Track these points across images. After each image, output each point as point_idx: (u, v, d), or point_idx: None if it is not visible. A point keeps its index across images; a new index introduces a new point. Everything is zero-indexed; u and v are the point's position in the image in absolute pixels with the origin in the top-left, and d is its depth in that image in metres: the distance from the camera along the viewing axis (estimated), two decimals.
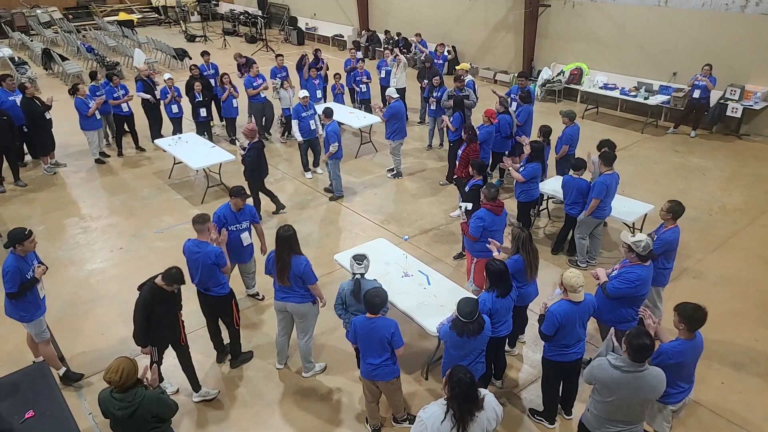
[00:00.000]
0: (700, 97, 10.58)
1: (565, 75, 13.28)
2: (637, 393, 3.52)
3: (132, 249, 7.52)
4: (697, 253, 7.16)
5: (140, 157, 10.57)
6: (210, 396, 5.06)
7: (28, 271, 4.77)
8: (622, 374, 3.47)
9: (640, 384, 3.48)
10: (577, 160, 6.67)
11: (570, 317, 4.18)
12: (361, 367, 4.45)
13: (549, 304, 4.30)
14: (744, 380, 5.19)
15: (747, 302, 6.24)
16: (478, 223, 5.62)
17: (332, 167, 8.55)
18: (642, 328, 3.62)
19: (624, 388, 3.49)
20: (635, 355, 3.44)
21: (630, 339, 3.45)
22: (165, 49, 17.47)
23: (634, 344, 3.42)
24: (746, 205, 8.41)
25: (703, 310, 3.75)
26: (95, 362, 5.51)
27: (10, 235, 4.71)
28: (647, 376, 3.49)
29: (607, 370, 3.53)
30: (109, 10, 24.73)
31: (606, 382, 3.54)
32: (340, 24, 20.01)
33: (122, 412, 3.41)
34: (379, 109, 9.29)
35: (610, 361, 3.53)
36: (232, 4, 25.34)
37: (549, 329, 4.22)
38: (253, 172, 7.69)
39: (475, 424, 3.27)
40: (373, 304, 4.12)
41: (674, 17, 11.41)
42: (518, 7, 13.87)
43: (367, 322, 4.18)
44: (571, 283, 4.12)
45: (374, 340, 4.17)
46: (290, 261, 4.74)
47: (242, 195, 5.71)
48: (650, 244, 4.57)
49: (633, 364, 3.46)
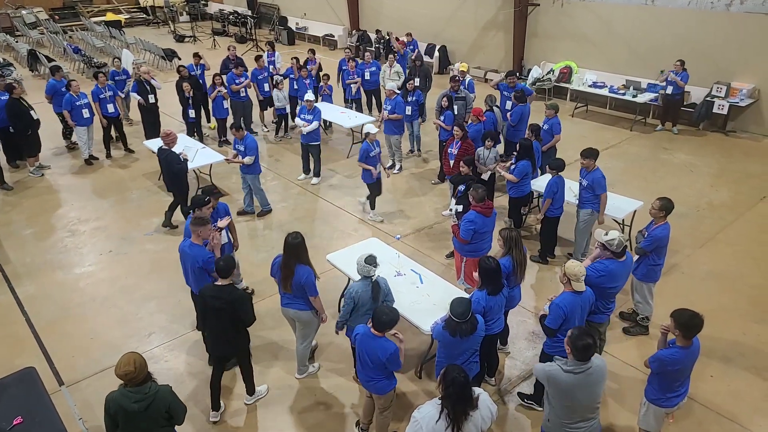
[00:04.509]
0: (673, 93, 10.73)
1: (555, 74, 13.36)
2: (592, 389, 3.58)
3: (121, 252, 7.45)
4: (686, 248, 7.23)
5: (129, 158, 10.48)
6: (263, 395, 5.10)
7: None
8: (575, 377, 3.51)
9: (592, 380, 3.54)
10: (556, 160, 6.77)
11: (573, 308, 4.23)
12: (357, 371, 4.35)
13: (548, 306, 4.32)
14: (732, 373, 5.26)
15: (735, 297, 6.31)
16: (468, 227, 5.63)
17: (251, 181, 8.00)
18: (583, 328, 3.65)
19: (579, 389, 3.54)
20: (581, 355, 3.48)
21: (573, 341, 3.49)
22: (153, 50, 17.33)
23: (579, 345, 3.47)
24: (733, 201, 8.51)
25: (700, 318, 3.74)
26: (85, 367, 5.45)
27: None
28: (596, 370, 3.55)
29: (560, 377, 3.54)
30: (96, 11, 24.46)
31: (561, 388, 3.56)
32: (330, 24, 19.97)
33: (138, 405, 3.39)
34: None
35: (561, 367, 3.55)
36: (221, 4, 25.19)
37: (554, 322, 4.22)
38: (185, 177, 7.52)
39: (469, 423, 3.28)
40: (381, 321, 3.91)
41: (661, 16, 11.52)
42: (508, 7, 13.92)
43: (369, 339, 4.01)
44: (575, 271, 4.19)
45: (372, 357, 4.04)
46: (295, 269, 4.71)
47: (213, 194, 5.71)
48: (623, 240, 4.61)
49: (581, 364, 3.51)
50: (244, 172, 7.95)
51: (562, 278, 4.31)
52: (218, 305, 4.39)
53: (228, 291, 4.41)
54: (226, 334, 4.53)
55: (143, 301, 6.42)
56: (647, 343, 5.57)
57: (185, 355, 5.60)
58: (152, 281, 6.78)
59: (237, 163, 7.94)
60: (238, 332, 4.59)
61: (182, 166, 7.41)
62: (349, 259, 5.68)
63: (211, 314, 4.47)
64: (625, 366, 5.35)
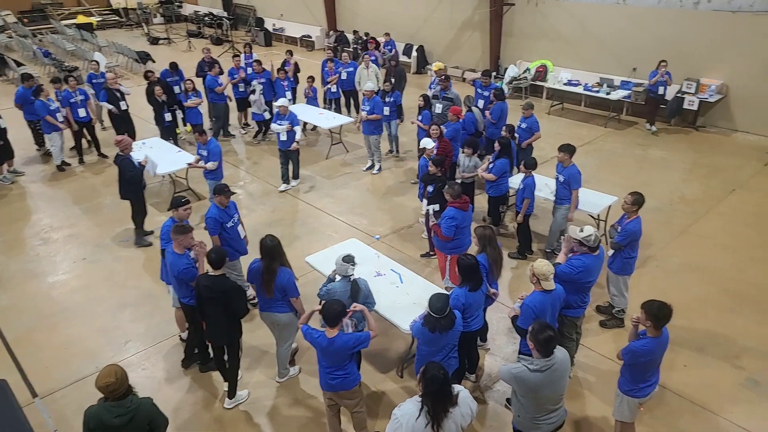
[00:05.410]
0: (656, 92, 10.86)
1: (531, 72, 13.52)
2: (557, 384, 3.62)
3: (96, 259, 7.31)
4: (660, 242, 7.38)
5: (102, 164, 10.28)
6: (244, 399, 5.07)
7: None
8: (542, 375, 3.54)
9: (557, 374, 3.59)
10: (530, 159, 6.89)
11: (544, 307, 4.27)
12: (320, 378, 4.22)
13: (518, 305, 4.36)
14: (705, 363, 5.38)
15: (708, 288, 6.47)
16: (450, 223, 5.67)
17: (211, 189, 7.57)
18: (543, 322, 3.68)
19: (547, 385, 3.58)
20: (544, 349, 3.52)
21: (535, 335, 3.52)
22: (127, 53, 17.05)
23: (540, 338, 3.49)
24: (704, 194, 8.72)
25: (669, 308, 3.82)
26: (60, 377, 5.33)
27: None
28: (560, 364, 3.59)
29: (527, 377, 3.56)
30: (66, 13, 23.92)
31: (529, 387, 3.59)
32: (307, 24, 19.87)
33: (120, 419, 3.31)
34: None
35: (528, 367, 3.56)
36: (196, 6, 24.89)
37: (525, 323, 4.23)
38: (139, 184, 7.40)
39: (449, 420, 3.29)
40: (329, 316, 3.90)
41: (632, 14, 11.74)
42: (483, 7, 14.04)
43: (325, 341, 3.95)
44: (543, 271, 4.22)
45: (333, 356, 4.00)
46: (277, 271, 4.68)
47: (225, 192, 5.68)
48: (598, 235, 4.69)
49: (545, 361, 3.53)
50: (207, 178, 7.81)
51: (531, 278, 4.32)
52: (210, 295, 4.51)
53: (219, 282, 4.51)
54: (220, 324, 4.64)
55: (119, 309, 6.31)
56: (623, 335, 5.65)
57: (163, 362, 5.52)
58: (127, 288, 6.67)
59: (199, 168, 7.82)
60: (230, 323, 4.67)
61: (134, 173, 7.19)
62: (328, 260, 5.65)
63: (207, 303, 4.59)
64: (601, 359, 5.44)
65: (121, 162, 7.19)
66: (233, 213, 5.85)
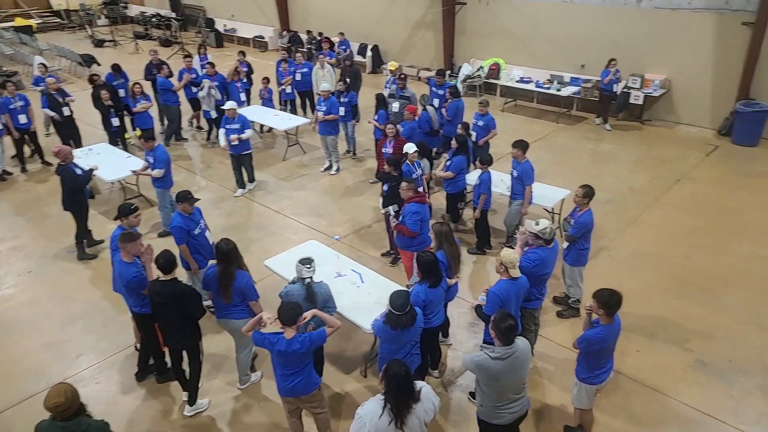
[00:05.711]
0: (611, 89, 11.16)
1: (485, 70, 13.76)
2: (519, 372, 3.71)
3: (42, 272, 6.97)
4: (611, 232, 7.65)
5: (46, 172, 9.80)
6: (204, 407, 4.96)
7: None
8: (503, 362, 3.61)
9: (518, 363, 3.67)
10: (486, 156, 7.02)
11: (509, 295, 4.37)
12: (277, 383, 4.15)
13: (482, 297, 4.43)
14: (656, 347, 5.61)
15: (657, 275, 6.74)
16: (415, 218, 5.68)
17: (159, 197, 7.52)
18: (504, 312, 3.77)
19: (508, 373, 3.65)
20: (505, 338, 3.60)
21: (497, 324, 3.61)
22: (70, 56, 16.33)
23: (502, 327, 3.58)
24: (651, 185, 9.09)
25: (618, 295, 3.96)
26: (9, 396, 5.07)
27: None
28: (521, 353, 3.68)
29: (489, 365, 3.63)
30: (3, 16, 22.72)
31: (491, 375, 3.66)
32: (260, 25, 19.55)
33: None
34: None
35: (489, 354, 3.63)
36: (142, 6, 24.09)
37: (491, 309, 4.30)
38: (83, 194, 7.14)
39: (412, 416, 3.31)
40: (285, 316, 3.86)
41: (579, 12, 12.13)
42: (436, 6, 14.19)
43: (284, 344, 3.88)
44: (511, 258, 4.35)
45: (292, 358, 3.95)
46: (234, 275, 4.58)
47: (188, 199, 5.51)
48: (553, 228, 4.82)
49: (506, 349, 3.61)
50: (155, 185, 7.50)
51: (499, 267, 4.42)
52: (162, 300, 4.46)
53: (169, 286, 4.44)
54: (175, 328, 4.59)
55: (68, 322, 6.04)
56: (579, 324, 5.81)
57: (117, 374, 5.32)
58: (77, 301, 6.38)
59: (146, 176, 7.58)
60: (186, 326, 4.59)
61: (77, 182, 6.88)
62: (287, 263, 5.58)
63: (159, 308, 4.54)
64: (559, 348, 5.59)
65: (63, 172, 6.87)
66: (199, 219, 5.67)
